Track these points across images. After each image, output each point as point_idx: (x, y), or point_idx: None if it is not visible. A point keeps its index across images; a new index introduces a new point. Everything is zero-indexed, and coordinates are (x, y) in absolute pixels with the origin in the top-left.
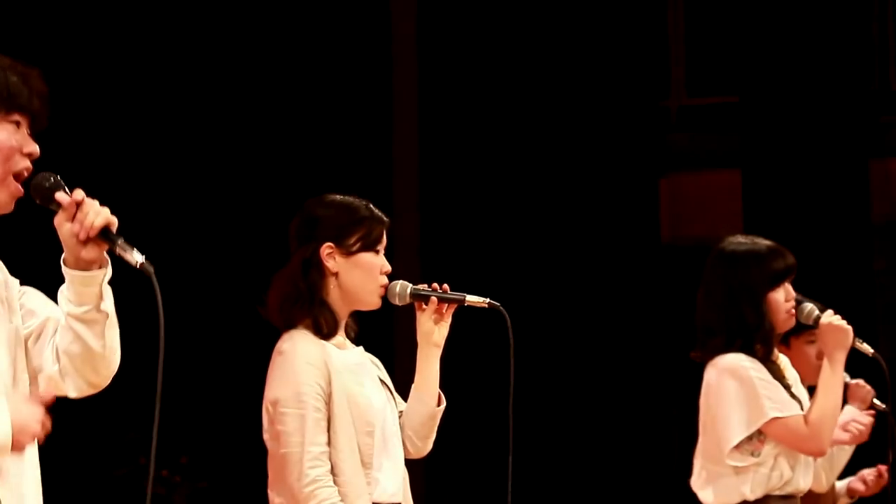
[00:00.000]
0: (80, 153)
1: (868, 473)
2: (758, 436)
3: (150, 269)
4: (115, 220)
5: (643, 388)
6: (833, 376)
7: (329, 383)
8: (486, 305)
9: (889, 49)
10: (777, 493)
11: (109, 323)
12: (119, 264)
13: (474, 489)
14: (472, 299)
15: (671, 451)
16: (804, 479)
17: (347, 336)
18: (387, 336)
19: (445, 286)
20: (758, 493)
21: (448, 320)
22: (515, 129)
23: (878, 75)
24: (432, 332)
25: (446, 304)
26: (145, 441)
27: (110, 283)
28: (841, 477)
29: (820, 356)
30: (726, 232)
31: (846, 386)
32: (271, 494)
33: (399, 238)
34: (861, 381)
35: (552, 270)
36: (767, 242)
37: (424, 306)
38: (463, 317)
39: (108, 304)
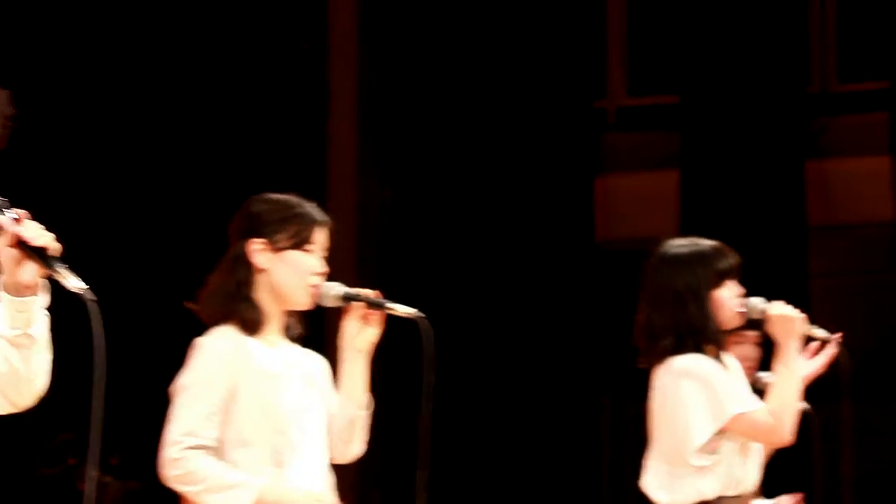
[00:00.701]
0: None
1: (786, 501)
2: (714, 434)
3: (90, 298)
4: (58, 246)
5: (576, 391)
6: (787, 365)
7: (236, 381)
8: (410, 317)
9: (827, 51)
10: (730, 493)
11: (38, 348)
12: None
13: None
14: (395, 307)
15: (602, 454)
16: (752, 480)
17: (288, 335)
18: (317, 338)
19: (378, 292)
20: (716, 492)
21: (375, 327)
22: (450, 128)
23: (816, 77)
24: (355, 337)
25: (372, 310)
26: (75, 441)
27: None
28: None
29: (746, 358)
30: (662, 233)
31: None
32: None
33: (333, 240)
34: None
35: (485, 271)
36: (710, 242)
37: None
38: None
39: (38, 329)
